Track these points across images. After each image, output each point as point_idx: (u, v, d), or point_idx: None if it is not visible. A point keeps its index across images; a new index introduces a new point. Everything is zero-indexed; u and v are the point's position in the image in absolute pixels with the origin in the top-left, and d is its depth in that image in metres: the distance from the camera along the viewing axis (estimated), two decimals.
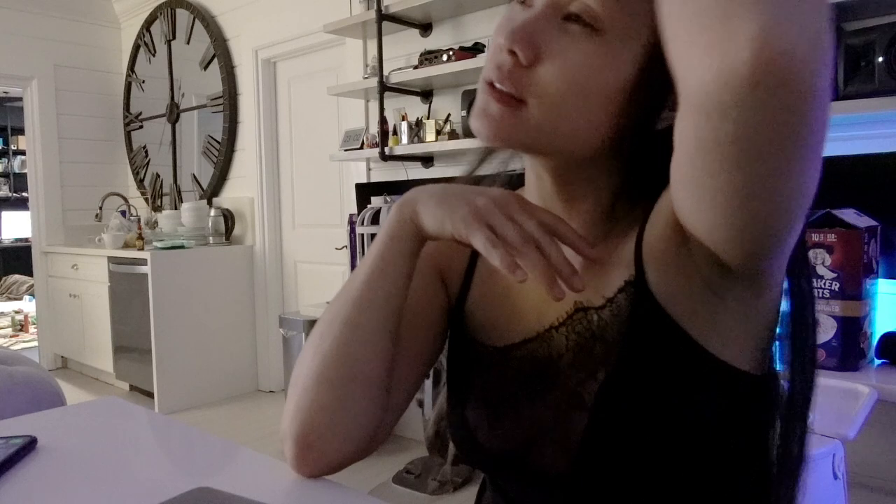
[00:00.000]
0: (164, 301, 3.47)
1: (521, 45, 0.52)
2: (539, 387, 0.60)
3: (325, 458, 0.61)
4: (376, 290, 0.60)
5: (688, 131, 0.41)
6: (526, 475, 0.61)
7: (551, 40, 0.52)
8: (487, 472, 0.70)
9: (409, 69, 2.66)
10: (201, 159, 4.11)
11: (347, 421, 0.60)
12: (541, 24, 0.53)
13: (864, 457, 1.65)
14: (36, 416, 0.87)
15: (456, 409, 0.67)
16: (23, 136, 5.57)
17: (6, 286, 7.17)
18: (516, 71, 0.53)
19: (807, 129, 0.37)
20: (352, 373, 0.60)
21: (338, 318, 0.61)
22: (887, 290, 1.62)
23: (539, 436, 0.60)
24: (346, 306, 0.61)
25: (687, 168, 0.43)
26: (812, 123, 0.37)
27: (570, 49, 0.52)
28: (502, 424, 0.63)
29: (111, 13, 4.64)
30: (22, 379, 1.63)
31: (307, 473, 0.62)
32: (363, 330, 0.60)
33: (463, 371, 0.68)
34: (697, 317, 0.53)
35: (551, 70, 0.52)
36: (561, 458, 0.57)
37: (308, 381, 0.61)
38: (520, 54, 0.52)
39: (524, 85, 0.53)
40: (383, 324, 0.60)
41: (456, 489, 2.39)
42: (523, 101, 0.53)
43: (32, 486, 0.63)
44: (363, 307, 0.60)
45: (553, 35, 0.52)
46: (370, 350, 0.60)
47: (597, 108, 0.53)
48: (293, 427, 0.61)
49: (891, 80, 1.50)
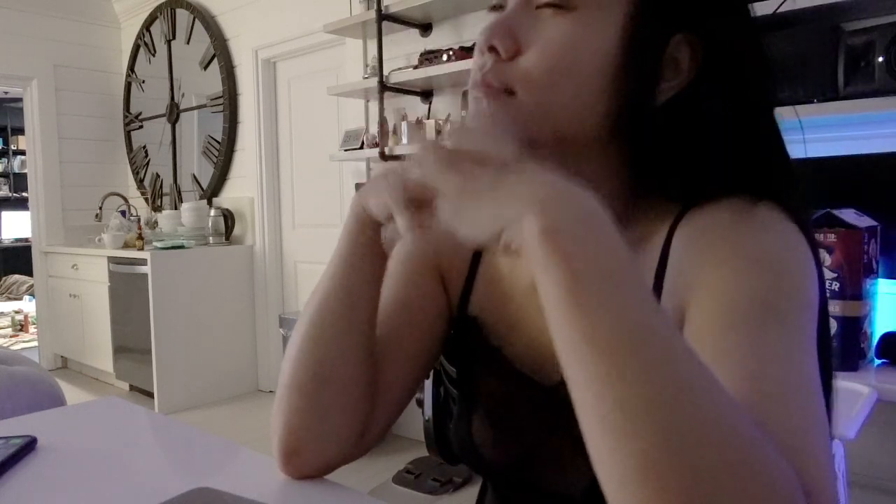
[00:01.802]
0: (164, 301, 3.47)
1: (498, 38, 0.53)
2: (547, 421, 0.59)
3: (308, 461, 0.61)
4: (340, 288, 0.59)
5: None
6: (532, 493, 0.61)
7: (528, 29, 0.53)
8: (492, 483, 0.70)
9: (409, 69, 2.66)
10: (201, 159, 4.11)
11: (327, 424, 0.59)
12: (515, 17, 0.53)
13: (864, 457, 1.65)
14: (36, 416, 0.86)
15: (462, 420, 0.66)
16: (23, 136, 5.56)
17: (6, 286, 7.17)
18: (499, 66, 0.53)
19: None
20: (322, 376, 0.58)
21: (305, 319, 0.60)
22: (887, 290, 1.62)
23: (547, 462, 0.59)
24: (314, 308, 0.60)
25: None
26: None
27: (546, 31, 0.52)
28: (508, 444, 0.62)
29: (111, 13, 4.64)
30: (22, 379, 1.63)
31: (295, 476, 0.62)
32: (330, 331, 0.59)
33: (468, 376, 0.67)
34: None
35: (532, 56, 0.52)
36: (571, 485, 0.57)
37: (283, 387, 0.60)
38: (499, 47, 0.53)
39: (509, 77, 0.53)
40: (352, 324, 0.59)
41: (456, 489, 2.39)
42: (512, 93, 0.53)
43: (32, 486, 0.63)
44: (328, 308, 0.59)
45: (529, 24, 0.53)
46: (339, 352, 0.59)
47: (586, 85, 0.52)
48: (276, 431, 0.61)
49: (891, 80, 1.50)
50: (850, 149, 1.76)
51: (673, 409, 0.35)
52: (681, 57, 0.53)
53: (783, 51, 1.64)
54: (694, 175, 0.55)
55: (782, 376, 0.42)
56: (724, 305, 0.46)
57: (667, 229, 0.55)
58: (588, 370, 0.37)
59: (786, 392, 0.41)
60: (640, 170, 0.57)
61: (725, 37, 0.53)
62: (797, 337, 0.45)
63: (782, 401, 0.41)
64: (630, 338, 0.36)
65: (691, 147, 0.54)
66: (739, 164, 0.54)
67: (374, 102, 2.91)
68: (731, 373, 0.42)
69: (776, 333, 0.44)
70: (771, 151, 0.56)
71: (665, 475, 0.34)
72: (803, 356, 0.44)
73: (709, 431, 0.35)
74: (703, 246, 0.51)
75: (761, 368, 0.42)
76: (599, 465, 0.37)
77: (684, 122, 0.53)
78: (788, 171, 0.56)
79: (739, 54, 0.54)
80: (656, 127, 0.53)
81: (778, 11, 1.66)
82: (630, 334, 0.37)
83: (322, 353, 0.59)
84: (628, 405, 0.35)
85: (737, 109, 0.54)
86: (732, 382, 0.42)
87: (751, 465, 0.35)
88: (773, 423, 0.39)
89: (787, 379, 0.42)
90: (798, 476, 0.37)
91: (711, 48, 0.53)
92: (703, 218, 0.53)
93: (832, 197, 1.68)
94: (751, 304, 0.45)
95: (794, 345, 0.44)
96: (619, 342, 0.36)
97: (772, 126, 0.56)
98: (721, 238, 0.50)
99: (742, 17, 0.55)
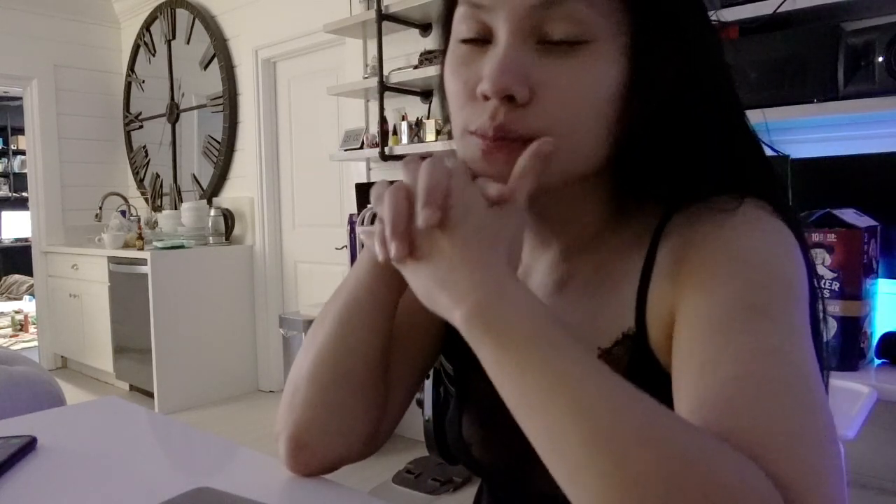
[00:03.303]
0: (164, 301, 3.47)
1: (514, 84, 0.48)
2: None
3: (317, 457, 0.61)
4: (367, 289, 0.59)
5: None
6: (522, 492, 0.61)
7: (539, 69, 0.48)
8: (484, 481, 0.70)
9: (409, 69, 2.66)
10: (201, 159, 4.11)
11: (339, 421, 0.60)
12: (523, 58, 0.48)
13: (864, 457, 1.65)
14: (36, 416, 0.87)
15: (454, 418, 0.66)
16: (23, 136, 5.56)
17: (6, 286, 7.17)
18: (516, 114, 0.49)
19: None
20: (343, 373, 0.59)
21: (329, 317, 0.60)
22: (887, 290, 1.62)
23: (534, 464, 0.59)
24: (339, 306, 0.60)
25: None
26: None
27: (565, 72, 0.48)
28: (495, 446, 0.62)
29: (111, 13, 4.64)
30: (22, 379, 1.63)
31: (300, 472, 0.62)
32: (355, 330, 0.59)
33: (464, 375, 0.67)
34: None
35: (554, 102, 0.48)
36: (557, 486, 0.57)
37: (301, 380, 0.60)
38: (517, 95, 0.48)
39: (530, 126, 0.49)
40: (376, 325, 0.59)
41: (456, 489, 2.39)
42: (529, 140, 0.49)
43: (32, 486, 0.63)
44: (356, 307, 0.59)
45: (536, 62, 0.49)
46: (361, 351, 0.59)
47: (602, 121, 0.51)
48: (286, 425, 0.61)
49: (891, 80, 1.50)
50: (850, 149, 1.76)
51: (614, 447, 0.37)
52: (673, 85, 0.52)
53: (783, 51, 1.64)
54: (678, 176, 0.54)
55: (768, 374, 0.41)
56: (710, 308, 0.46)
57: (652, 232, 0.55)
58: (534, 427, 0.41)
59: (771, 390, 0.41)
60: (625, 177, 0.56)
61: (701, 46, 0.53)
62: (788, 330, 0.44)
63: (766, 400, 0.40)
64: (559, 389, 0.39)
65: (675, 150, 0.54)
66: (722, 165, 0.53)
67: (374, 102, 2.91)
68: (714, 377, 0.42)
69: (763, 331, 0.44)
70: (750, 151, 0.56)
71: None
72: (792, 349, 0.43)
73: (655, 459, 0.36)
74: (688, 247, 0.51)
75: (745, 368, 0.42)
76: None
77: (667, 127, 0.53)
78: (768, 169, 0.56)
79: (714, 61, 0.54)
80: (646, 139, 0.53)
81: (778, 11, 1.66)
82: (559, 386, 0.40)
83: (345, 351, 0.59)
84: (574, 451, 0.38)
85: (715, 113, 0.53)
86: (716, 387, 0.42)
87: (707, 484, 0.35)
88: (754, 426, 0.39)
89: (774, 376, 0.41)
90: (784, 478, 0.37)
91: (690, 58, 0.52)
92: (689, 218, 0.53)
93: (832, 197, 1.68)
94: (736, 306, 0.45)
95: (785, 338, 0.44)
96: (550, 395, 0.40)
97: (746, 127, 0.56)
98: (706, 238, 0.50)
99: (709, 24, 0.55)
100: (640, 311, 0.53)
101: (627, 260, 0.56)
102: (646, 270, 0.54)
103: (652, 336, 0.52)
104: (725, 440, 0.38)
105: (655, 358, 0.52)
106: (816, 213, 1.54)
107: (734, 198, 0.51)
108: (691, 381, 0.44)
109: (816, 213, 1.54)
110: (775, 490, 0.36)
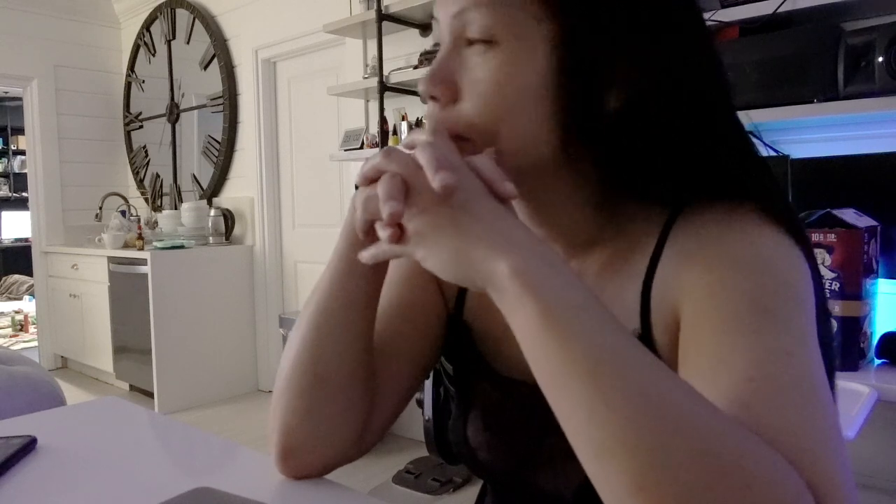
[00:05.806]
0: (164, 301, 3.47)
1: (434, 86, 0.53)
2: (539, 425, 0.59)
3: (305, 461, 0.61)
4: (339, 289, 0.58)
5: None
6: (527, 494, 0.61)
7: (464, 71, 0.53)
8: (489, 484, 0.70)
9: (409, 69, 2.66)
10: (201, 159, 4.11)
11: (321, 426, 0.59)
12: (449, 62, 0.53)
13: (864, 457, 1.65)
14: (36, 416, 0.87)
15: (458, 421, 0.66)
16: (23, 136, 5.56)
17: (6, 286, 7.17)
18: (444, 113, 0.53)
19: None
20: (319, 378, 0.58)
21: (304, 320, 0.60)
22: (887, 290, 1.62)
23: (540, 466, 0.59)
24: (312, 310, 0.59)
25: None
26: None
27: (476, 73, 0.52)
28: (502, 448, 0.62)
29: (111, 13, 4.64)
30: (22, 379, 1.63)
31: (292, 476, 0.62)
32: (328, 333, 0.58)
33: (464, 378, 0.67)
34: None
35: (470, 101, 0.52)
36: (563, 487, 0.57)
37: (280, 385, 0.60)
38: (437, 95, 0.53)
39: (458, 124, 0.53)
40: (350, 325, 0.58)
41: (456, 489, 2.39)
42: (467, 140, 0.52)
43: (32, 486, 0.63)
44: (327, 309, 0.58)
45: (461, 65, 0.53)
46: (337, 353, 0.58)
47: (529, 118, 0.52)
48: (273, 430, 0.61)
49: (891, 80, 1.50)
50: (850, 149, 1.76)
51: (657, 426, 0.36)
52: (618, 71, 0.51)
53: (783, 51, 1.64)
54: (671, 177, 0.54)
55: (781, 376, 0.42)
56: (717, 310, 0.47)
57: (657, 235, 0.55)
58: (571, 397, 0.39)
59: (785, 392, 0.41)
60: (615, 180, 0.56)
61: (661, 50, 0.52)
62: (794, 334, 0.45)
63: (781, 401, 0.41)
64: (606, 361, 0.38)
65: (658, 152, 0.53)
66: (708, 165, 0.53)
67: (374, 102, 2.91)
68: (728, 378, 0.43)
69: (772, 333, 0.44)
70: (740, 151, 0.55)
71: (658, 491, 0.35)
72: (802, 352, 0.44)
73: (695, 444, 0.36)
74: (693, 251, 0.51)
75: (758, 370, 0.42)
76: (596, 483, 0.38)
77: (644, 128, 0.52)
78: (766, 173, 0.56)
79: (692, 58, 0.53)
80: (617, 136, 0.52)
81: (778, 11, 1.66)
82: (606, 358, 0.38)
83: (319, 355, 0.58)
84: (614, 426, 0.37)
85: (694, 110, 0.52)
86: (731, 388, 0.42)
87: (743, 474, 0.35)
88: (773, 426, 0.39)
89: (786, 378, 0.42)
90: (804, 477, 0.37)
91: (649, 60, 0.51)
92: (694, 221, 0.53)
93: (832, 197, 1.67)
94: (745, 307, 0.46)
95: (792, 342, 0.44)
96: (596, 366, 0.38)
97: (737, 128, 0.55)
98: (710, 242, 0.51)
99: (682, 28, 0.53)
100: (645, 312, 0.53)
101: (632, 261, 0.56)
102: (650, 271, 0.54)
103: (657, 336, 0.53)
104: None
105: (661, 357, 0.52)
106: (816, 213, 1.54)
107: (737, 203, 0.52)
108: (704, 380, 0.44)
109: (816, 213, 1.54)
110: (807, 490, 0.36)
